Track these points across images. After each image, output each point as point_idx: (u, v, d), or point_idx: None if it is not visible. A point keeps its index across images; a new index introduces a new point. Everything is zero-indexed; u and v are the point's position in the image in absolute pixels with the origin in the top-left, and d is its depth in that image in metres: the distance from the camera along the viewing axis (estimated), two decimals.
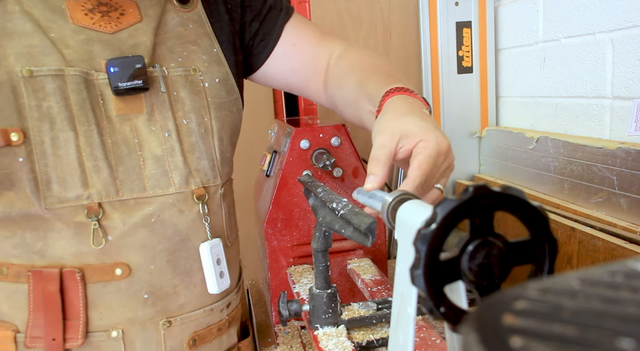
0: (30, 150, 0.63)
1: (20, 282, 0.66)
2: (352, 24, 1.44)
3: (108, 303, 0.68)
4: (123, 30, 0.69)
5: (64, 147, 0.64)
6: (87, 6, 0.68)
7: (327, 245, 0.67)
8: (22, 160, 0.63)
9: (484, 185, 0.35)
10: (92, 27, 0.67)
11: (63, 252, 0.66)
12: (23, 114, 0.63)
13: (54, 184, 0.64)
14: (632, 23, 0.92)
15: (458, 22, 1.35)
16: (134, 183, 0.68)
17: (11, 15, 0.64)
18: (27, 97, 0.63)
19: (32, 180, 0.63)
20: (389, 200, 0.51)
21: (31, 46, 0.64)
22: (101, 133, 0.66)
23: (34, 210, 0.64)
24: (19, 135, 0.62)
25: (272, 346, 0.94)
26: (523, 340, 0.17)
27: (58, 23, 0.65)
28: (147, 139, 0.69)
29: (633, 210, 0.88)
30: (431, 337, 0.64)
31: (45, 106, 0.63)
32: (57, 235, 0.66)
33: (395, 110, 0.64)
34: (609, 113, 0.99)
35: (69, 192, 0.65)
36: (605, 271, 0.22)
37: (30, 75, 0.63)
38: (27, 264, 0.66)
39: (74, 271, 0.66)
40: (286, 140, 0.94)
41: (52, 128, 0.64)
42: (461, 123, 1.40)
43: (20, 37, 0.64)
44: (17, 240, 0.66)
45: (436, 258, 0.35)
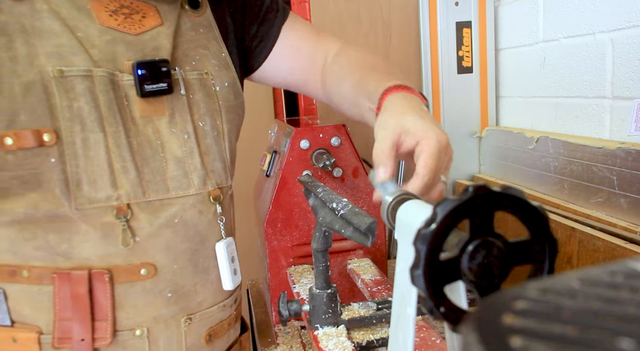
0: (62, 151, 0.63)
1: (44, 284, 0.65)
2: (352, 24, 1.44)
3: (134, 302, 0.68)
4: (146, 32, 0.70)
5: (94, 148, 0.64)
6: (110, 7, 0.68)
7: (327, 245, 0.67)
8: (54, 161, 0.63)
9: (484, 185, 0.35)
10: (117, 28, 0.67)
11: (90, 254, 0.66)
12: (55, 115, 0.62)
13: (84, 185, 0.64)
14: (632, 23, 0.92)
15: (458, 22, 1.35)
16: (159, 185, 0.69)
17: (40, 13, 0.63)
18: (59, 97, 0.62)
19: (62, 180, 0.63)
20: (389, 200, 0.51)
21: (60, 45, 0.63)
22: (127, 134, 0.67)
23: (63, 210, 0.64)
24: (52, 136, 0.62)
25: (272, 346, 0.94)
26: (523, 340, 0.17)
27: (85, 23, 0.65)
28: (169, 141, 0.70)
29: (633, 210, 0.88)
30: (431, 337, 0.64)
31: (76, 107, 0.63)
32: (83, 236, 0.66)
33: (395, 109, 0.67)
34: (609, 113, 0.99)
35: (99, 192, 0.65)
36: (605, 271, 0.22)
37: (61, 75, 0.63)
38: (50, 266, 0.65)
39: (103, 273, 0.66)
40: (286, 140, 0.94)
41: (83, 129, 0.64)
42: (461, 123, 1.40)
43: (50, 36, 0.63)
44: (39, 242, 0.65)
45: (436, 258, 0.35)
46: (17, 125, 0.61)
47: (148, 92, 0.67)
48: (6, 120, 0.60)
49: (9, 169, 0.61)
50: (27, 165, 0.62)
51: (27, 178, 0.62)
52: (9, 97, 0.60)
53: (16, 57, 0.61)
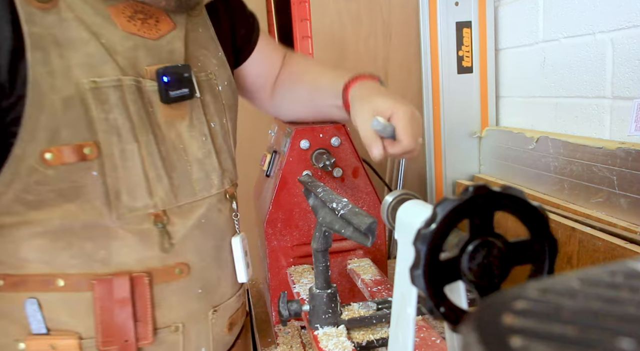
0: (102, 163, 0.63)
1: (82, 291, 0.66)
2: (352, 24, 1.44)
3: (169, 301, 0.70)
4: (163, 37, 0.70)
5: (131, 159, 0.65)
6: (126, 13, 0.67)
7: (327, 245, 0.67)
8: (96, 174, 0.63)
9: (484, 185, 0.35)
10: (138, 33, 0.67)
11: (128, 259, 0.67)
12: (94, 128, 0.62)
13: (123, 195, 0.65)
14: (632, 23, 0.92)
15: (458, 22, 1.35)
16: (187, 188, 0.70)
17: (67, 22, 0.62)
18: (96, 110, 0.62)
19: (103, 192, 0.64)
20: (389, 200, 0.51)
21: (89, 55, 0.62)
22: (156, 141, 0.67)
23: (103, 221, 0.64)
24: (92, 149, 0.62)
25: (272, 346, 0.94)
26: (523, 340, 0.17)
27: (108, 29, 0.65)
28: (190, 144, 0.71)
29: (633, 210, 0.88)
30: (431, 337, 0.64)
31: (112, 118, 0.63)
32: (120, 242, 0.66)
33: (361, 96, 0.83)
34: (609, 113, 0.99)
35: (137, 201, 0.66)
36: (605, 271, 0.22)
37: (95, 87, 0.62)
38: (88, 273, 0.66)
39: (143, 276, 0.67)
40: (286, 140, 0.94)
41: (120, 141, 0.64)
42: (461, 123, 1.40)
43: (79, 45, 0.62)
44: (75, 250, 0.65)
45: (436, 258, 0.35)
46: (58, 141, 0.60)
47: (172, 98, 0.68)
48: (48, 136, 0.60)
49: (48, 183, 0.61)
50: (68, 179, 0.62)
51: (65, 191, 0.62)
52: (50, 113, 0.60)
53: (53, 71, 0.60)
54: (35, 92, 0.59)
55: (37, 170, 0.60)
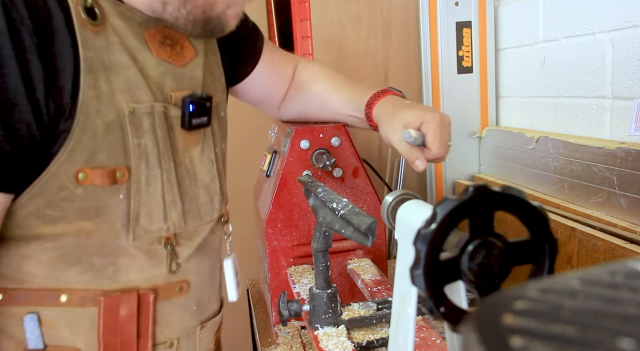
0: (129, 187, 0.64)
1: (87, 307, 0.66)
2: (352, 24, 1.44)
3: (168, 318, 0.71)
4: (188, 64, 0.71)
5: (154, 184, 0.66)
6: (157, 38, 0.67)
7: (327, 245, 0.67)
8: (122, 197, 0.63)
9: (484, 185, 0.35)
10: (168, 59, 0.67)
11: (136, 276, 0.68)
12: (127, 153, 0.63)
13: (142, 218, 0.65)
14: (632, 23, 0.92)
15: (458, 22, 1.35)
16: (194, 213, 0.72)
17: (112, 46, 0.62)
18: (131, 135, 0.63)
19: (125, 214, 0.64)
20: (389, 200, 0.51)
21: (129, 80, 0.63)
22: (175, 167, 0.68)
23: (119, 241, 0.65)
24: (124, 174, 0.63)
25: (272, 346, 0.94)
26: (523, 339, 0.17)
27: (144, 54, 0.65)
28: (199, 169, 0.72)
29: (633, 210, 0.88)
30: (431, 337, 0.64)
31: (143, 143, 0.64)
32: (130, 260, 0.67)
33: (388, 113, 0.85)
34: (609, 113, 0.99)
35: (154, 224, 0.67)
36: (605, 271, 0.22)
37: (132, 113, 0.62)
38: (95, 289, 0.66)
39: (149, 294, 0.68)
40: (286, 140, 0.94)
41: (147, 166, 0.65)
42: (461, 123, 1.40)
43: (121, 70, 0.62)
44: (84, 266, 0.65)
45: (436, 258, 0.35)
46: (94, 163, 0.61)
47: (193, 126, 0.69)
48: (85, 158, 0.60)
49: (75, 201, 0.61)
50: (94, 199, 0.62)
51: (88, 209, 0.62)
52: (92, 136, 0.60)
53: (100, 95, 0.60)
54: (83, 115, 0.59)
55: (67, 188, 0.60)
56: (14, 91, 0.54)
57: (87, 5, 0.59)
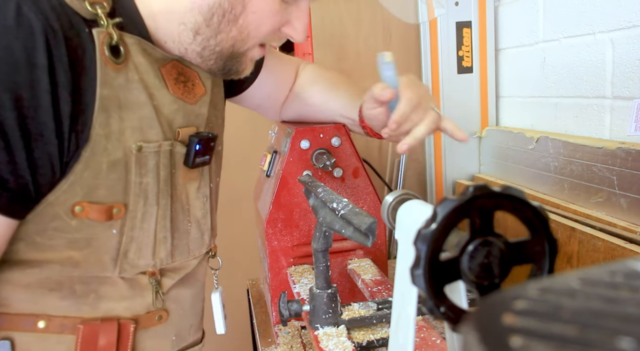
0: (123, 223, 0.63)
1: (65, 334, 0.65)
2: (352, 24, 1.44)
3: (145, 347, 0.71)
4: (197, 102, 0.70)
5: (148, 221, 0.65)
6: (173, 74, 0.67)
7: (328, 245, 0.67)
8: (115, 232, 0.63)
9: (484, 185, 0.35)
10: (182, 97, 0.67)
11: (116, 304, 0.67)
12: (127, 190, 0.62)
13: (131, 253, 0.65)
14: (632, 23, 0.92)
15: (458, 22, 1.35)
16: (183, 248, 0.72)
17: (131, 84, 0.61)
18: (134, 174, 0.62)
19: (115, 248, 0.64)
20: (389, 200, 0.51)
21: (142, 118, 0.62)
22: (171, 203, 0.68)
23: (105, 273, 0.65)
24: (120, 210, 0.62)
25: (273, 346, 0.94)
26: (523, 339, 0.17)
27: (161, 92, 0.64)
28: (194, 204, 0.72)
29: (633, 210, 0.88)
30: (431, 337, 0.64)
31: (144, 182, 0.63)
32: (111, 288, 0.66)
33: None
34: (609, 113, 0.99)
35: (141, 260, 0.66)
36: (605, 271, 0.22)
37: (139, 151, 0.62)
38: (74, 316, 0.65)
39: (130, 324, 0.68)
40: (286, 140, 0.94)
41: (145, 204, 0.64)
42: (461, 123, 1.38)
43: (136, 108, 0.62)
44: (65, 292, 0.64)
45: (436, 258, 0.35)
46: (93, 198, 0.60)
47: (195, 164, 0.69)
48: (84, 192, 0.60)
49: (66, 231, 0.61)
50: (86, 231, 0.62)
51: (78, 241, 0.62)
52: (94, 173, 0.60)
53: (109, 134, 0.60)
54: (89, 152, 0.59)
55: (62, 218, 0.60)
56: (44, 124, 0.55)
57: (112, 44, 0.59)
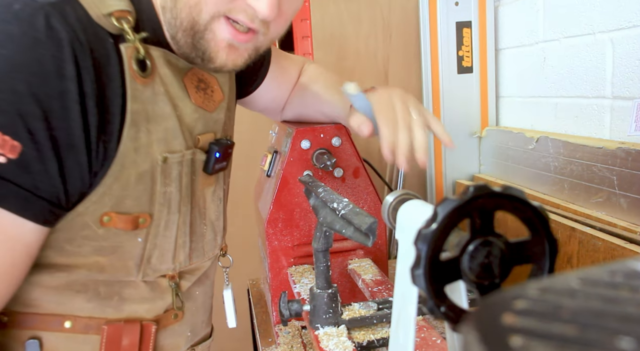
0: (148, 232, 0.64)
1: (90, 334, 0.66)
2: (352, 24, 1.44)
3: (163, 344, 0.72)
4: (217, 108, 0.71)
5: (171, 228, 0.66)
6: (194, 82, 0.67)
7: (328, 245, 0.67)
8: (140, 240, 0.64)
9: (484, 185, 0.35)
10: (202, 106, 0.68)
11: (138, 307, 0.69)
12: (153, 200, 0.63)
13: (153, 258, 0.67)
14: (632, 23, 0.92)
15: (458, 22, 1.35)
16: (199, 251, 0.73)
17: (158, 97, 0.62)
18: (159, 184, 0.63)
19: (140, 256, 0.65)
20: (389, 200, 0.51)
21: (167, 130, 0.63)
22: (191, 209, 0.69)
23: (129, 278, 0.66)
24: (146, 220, 0.64)
25: (273, 346, 0.94)
26: (523, 339, 0.17)
27: (184, 101, 0.65)
28: (209, 208, 0.73)
29: (633, 210, 0.88)
30: (432, 337, 0.64)
31: (169, 191, 0.64)
32: (133, 291, 0.68)
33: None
34: (609, 113, 0.99)
35: (162, 265, 0.68)
36: (605, 271, 0.22)
37: (165, 162, 0.63)
38: (99, 317, 0.66)
39: (152, 325, 0.69)
40: (287, 140, 0.94)
41: (168, 212, 0.65)
42: (461, 123, 1.40)
43: (161, 120, 0.62)
44: (90, 294, 0.65)
45: (437, 258, 0.35)
46: (121, 209, 0.61)
47: (214, 170, 0.70)
48: (113, 203, 0.61)
49: (94, 239, 0.62)
50: (113, 240, 0.63)
51: (104, 248, 0.63)
52: (123, 185, 0.60)
53: (139, 147, 0.60)
54: (119, 166, 0.59)
55: (90, 227, 0.61)
56: (74, 134, 0.55)
57: (139, 58, 0.59)
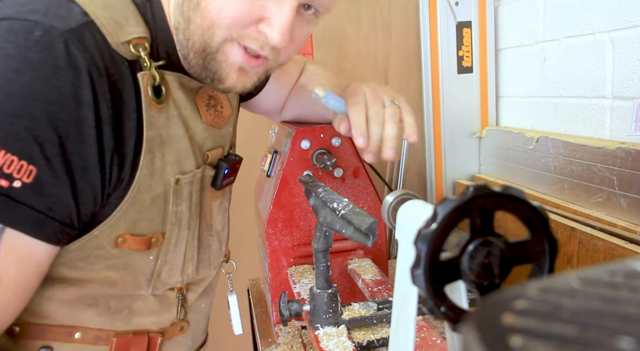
0: (159, 250, 0.65)
1: (99, 345, 0.67)
2: (352, 24, 1.44)
3: None
4: (225, 124, 0.71)
5: (181, 245, 0.67)
6: (204, 100, 0.68)
7: (328, 245, 0.67)
8: (152, 258, 0.65)
9: (484, 185, 0.35)
10: (212, 124, 0.68)
11: (145, 319, 0.69)
12: (165, 220, 0.64)
13: (163, 273, 0.67)
14: (632, 23, 0.92)
15: (458, 22, 1.35)
16: (206, 262, 0.74)
17: (171, 120, 0.62)
18: (172, 204, 0.64)
19: (150, 271, 0.66)
20: (389, 200, 0.51)
21: (179, 151, 0.63)
22: (199, 224, 0.69)
23: (139, 292, 0.67)
24: (158, 239, 0.64)
25: (273, 346, 0.94)
26: (523, 339, 0.17)
27: (195, 122, 0.65)
28: (216, 219, 0.74)
29: (633, 210, 0.88)
30: (432, 337, 0.64)
31: (179, 210, 0.65)
32: (143, 304, 0.68)
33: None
34: (609, 113, 0.99)
35: (172, 279, 0.69)
36: (605, 271, 0.22)
37: (177, 183, 0.63)
38: (108, 329, 0.67)
39: (158, 337, 0.70)
40: (287, 140, 0.94)
41: (179, 230, 0.66)
42: (461, 123, 1.40)
43: (175, 143, 0.63)
44: (101, 308, 0.66)
45: (437, 258, 0.35)
46: (135, 231, 0.62)
47: (222, 185, 0.70)
48: (127, 225, 0.61)
49: (108, 258, 0.63)
50: (125, 258, 0.63)
51: (116, 265, 0.64)
52: (138, 208, 0.61)
53: (154, 172, 0.61)
54: (136, 192, 0.60)
55: (104, 248, 0.62)
56: (88, 158, 0.55)
57: (155, 84, 0.59)
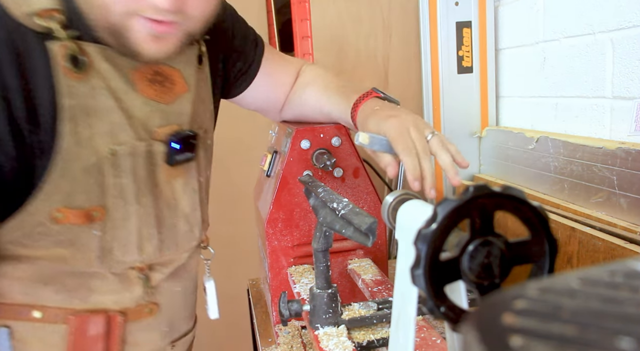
0: (104, 224, 0.65)
1: (58, 323, 0.67)
2: (352, 24, 1.44)
3: (137, 338, 0.72)
4: (175, 100, 0.71)
5: (130, 219, 0.67)
6: (147, 76, 0.67)
7: (328, 245, 0.67)
8: (96, 233, 0.64)
9: (484, 185, 0.35)
10: (155, 98, 0.68)
11: (106, 298, 0.69)
12: (105, 193, 0.64)
13: (115, 250, 0.67)
14: (632, 23, 0.92)
15: (458, 22, 1.35)
16: (171, 243, 0.73)
17: (96, 91, 0.62)
18: (110, 176, 0.63)
19: (99, 247, 0.65)
20: (389, 200, 0.51)
21: (112, 123, 0.63)
22: (154, 200, 0.69)
23: (93, 269, 0.66)
24: (100, 213, 0.64)
25: (273, 346, 0.94)
26: (523, 339, 0.17)
27: (130, 95, 0.65)
28: (181, 199, 0.73)
29: (633, 210, 0.88)
30: (431, 337, 0.64)
31: (122, 183, 0.65)
32: (101, 282, 0.68)
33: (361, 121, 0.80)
34: (609, 113, 0.99)
35: (127, 256, 0.68)
36: (605, 271, 0.22)
37: (113, 154, 0.63)
38: (67, 307, 0.67)
39: (117, 316, 0.69)
40: (287, 140, 0.94)
41: (125, 204, 0.65)
42: (461, 123, 1.40)
43: (104, 114, 0.63)
44: (57, 286, 0.66)
45: (437, 258, 0.35)
46: (71, 204, 0.62)
47: (177, 161, 0.70)
48: (62, 199, 0.61)
49: (50, 235, 0.62)
50: (68, 234, 0.63)
51: (62, 241, 0.63)
52: (69, 180, 0.61)
53: (80, 141, 0.61)
54: (62, 161, 0.60)
55: (44, 224, 0.61)
56: None
57: (71, 54, 0.59)
